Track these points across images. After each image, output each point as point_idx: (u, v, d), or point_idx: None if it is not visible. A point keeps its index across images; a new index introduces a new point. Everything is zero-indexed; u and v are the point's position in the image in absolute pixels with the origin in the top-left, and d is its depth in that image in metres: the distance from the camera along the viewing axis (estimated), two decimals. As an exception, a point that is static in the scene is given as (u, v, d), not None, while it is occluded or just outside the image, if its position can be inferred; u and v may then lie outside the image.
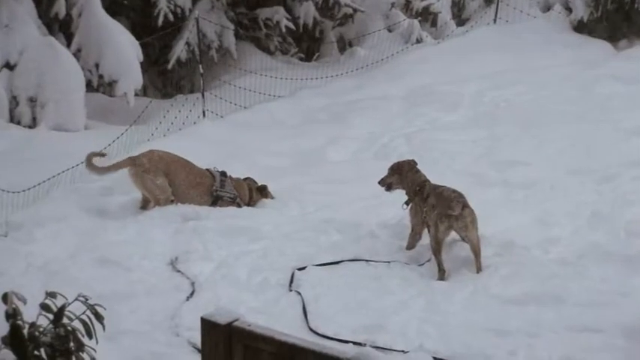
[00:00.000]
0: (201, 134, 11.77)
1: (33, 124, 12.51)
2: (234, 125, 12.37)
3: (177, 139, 11.07)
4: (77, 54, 13.44)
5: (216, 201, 9.23)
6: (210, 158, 9.73)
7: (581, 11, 16.40)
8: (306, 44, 18.81)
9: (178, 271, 7.54)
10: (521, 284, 6.88)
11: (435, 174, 8.16)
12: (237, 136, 11.70)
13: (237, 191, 9.32)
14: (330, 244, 8.01)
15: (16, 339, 3.53)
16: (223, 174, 9.34)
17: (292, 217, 8.85)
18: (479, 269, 7.23)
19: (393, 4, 19.00)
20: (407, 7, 19.90)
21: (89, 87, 13.66)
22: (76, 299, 3.77)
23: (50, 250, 7.77)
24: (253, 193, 9.41)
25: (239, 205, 9.25)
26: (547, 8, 17.95)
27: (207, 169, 9.36)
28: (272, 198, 9.45)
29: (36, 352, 3.62)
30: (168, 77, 17.48)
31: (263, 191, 9.47)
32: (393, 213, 8.13)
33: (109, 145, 10.15)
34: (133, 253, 7.73)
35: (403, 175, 7.94)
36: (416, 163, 8.04)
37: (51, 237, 8.04)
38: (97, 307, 3.79)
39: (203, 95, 13.67)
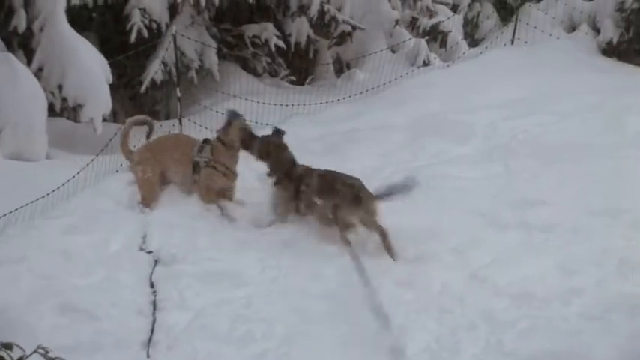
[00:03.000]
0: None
1: (-14, 152, 12.47)
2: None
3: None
4: (38, 73, 13.45)
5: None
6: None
7: (610, 32, 16.57)
8: (298, 66, 18.90)
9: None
10: (539, 340, 6.93)
11: (443, 214, 8.20)
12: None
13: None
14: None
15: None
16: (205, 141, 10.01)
17: (280, 258, 8.89)
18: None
19: (397, 22, 19.17)
20: (413, 26, 20.10)
21: (51, 111, 13.67)
22: (35, 351, 3.80)
23: (6, 295, 7.74)
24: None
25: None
26: (572, 28, 18.14)
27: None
28: None
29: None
30: (141, 101, 17.54)
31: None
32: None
33: (73, 177, 10.20)
34: (101, 300, 7.75)
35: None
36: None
37: (7, 280, 8.02)
38: (58, 361, 3.82)
39: (180, 122, 13.76)
